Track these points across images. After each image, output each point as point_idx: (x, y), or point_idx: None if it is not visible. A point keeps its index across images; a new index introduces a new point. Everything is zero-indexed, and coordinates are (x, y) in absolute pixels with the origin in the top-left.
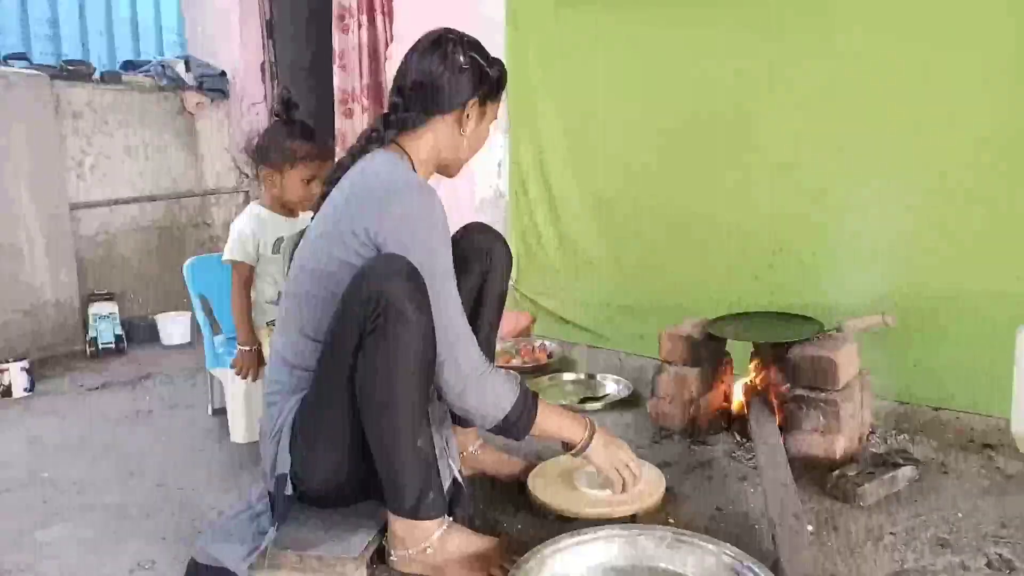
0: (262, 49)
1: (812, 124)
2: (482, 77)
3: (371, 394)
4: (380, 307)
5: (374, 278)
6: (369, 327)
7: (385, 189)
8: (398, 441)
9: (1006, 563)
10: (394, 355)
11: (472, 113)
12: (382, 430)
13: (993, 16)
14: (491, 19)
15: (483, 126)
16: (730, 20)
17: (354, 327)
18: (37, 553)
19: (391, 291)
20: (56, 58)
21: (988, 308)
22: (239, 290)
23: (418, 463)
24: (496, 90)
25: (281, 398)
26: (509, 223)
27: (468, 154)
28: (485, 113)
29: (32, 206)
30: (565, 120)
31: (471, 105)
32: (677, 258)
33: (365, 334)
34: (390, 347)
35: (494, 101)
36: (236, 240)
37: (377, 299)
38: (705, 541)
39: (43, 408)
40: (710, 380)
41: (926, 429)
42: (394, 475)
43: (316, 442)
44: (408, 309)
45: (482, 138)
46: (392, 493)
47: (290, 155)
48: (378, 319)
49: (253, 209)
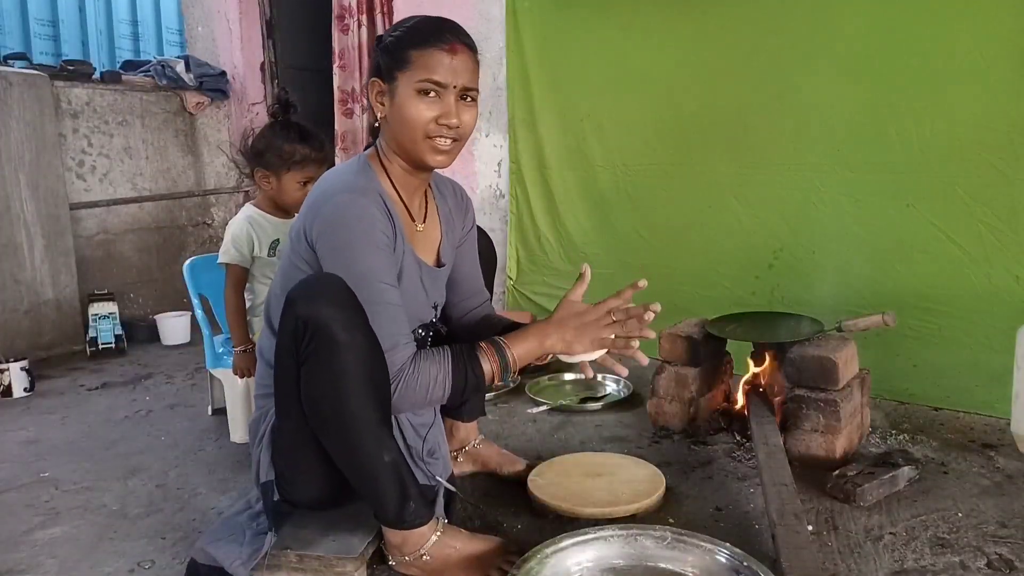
0: (262, 49)
1: (812, 124)
2: (375, 57)
3: (325, 420)
4: (309, 334)
5: (299, 304)
6: (303, 355)
7: (321, 194)
8: (364, 461)
9: (1006, 563)
10: (335, 379)
11: (379, 94)
12: (346, 451)
13: (993, 17)
14: (491, 18)
15: (400, 100)
16: (730, 20)
17: (291, 356)
18: (37, 553)
19: (317, 317)
20: (56, 58)
21: (988, 308)
22: (232, 292)
23: (391, 476)
24: (393, 62)
25: (267, 401)
26: (509, 223)
27: (407, 134)
28: (396, 87)
29: (32, 206)
30: (565, 120)
31: (371, 88)
32: (677, 258)
33: (301, 363)
34: (329, 372)
35: (402, 69)
36: (230, 242)
37: (304, 326)
38: (705, 541)
39: (43, 408)
40: (710, 380)
41: (926, 429)
42: (369, 492)
43: (291, 456)
44: (337, 331)
45: (407, 112)
46: (374, 507)
47: (287, 158)
48: (310, 345)
49: (248, 211)
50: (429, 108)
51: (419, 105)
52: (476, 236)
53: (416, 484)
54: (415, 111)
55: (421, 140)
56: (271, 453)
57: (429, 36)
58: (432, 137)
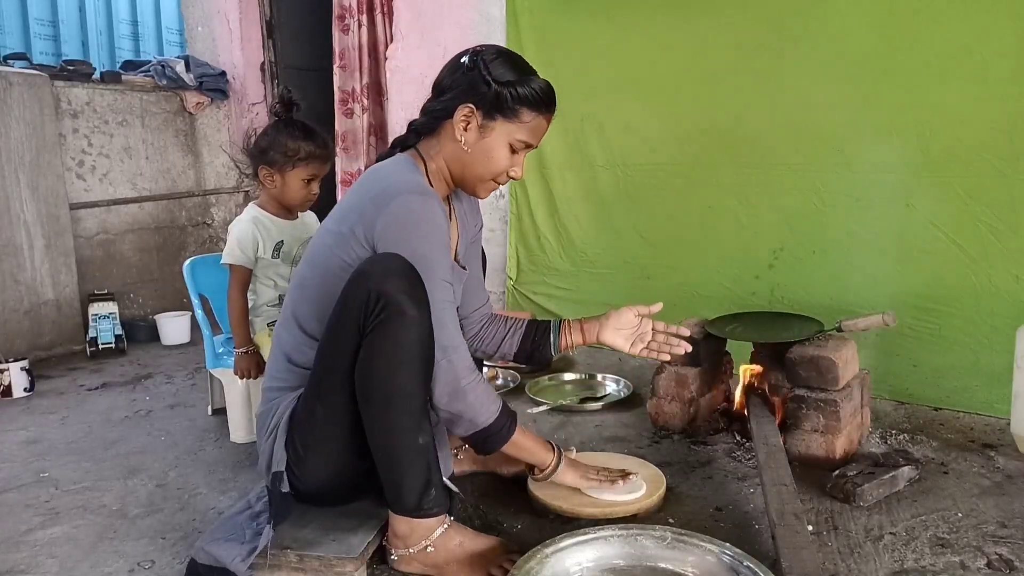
0: (262, 49)
1: (812, 124)
2: (479, 84)
3: (373, 391)
4: (380, 305)
5: (373, 277)
6: (369, 326)
7: (384, 192)
8: (400, 438)
9: (1006, 563)
10: (396, 352)
11: (468, 120)
12: (384, 427)
13: (993, 17)
14: (491, 18)
15: (491, 142)
16: (731, 20)
17: (353, 327)
18: (37, 553)
19: (391, 289)
20: (56, 58)
21: (988, 308)
22: (236, 293)
23: (420, 460)
24: (501, 107)
25: (279, 393)
26: (509, 223)
27: (478, 170)
28: (492, 128)
29: (32, 206)
30: (565, 120)
31: (461, 110)
32: (677, 258)
33: (365, 333)
34: (391, 344)
35: (508, 118)
36: (235, 243)
37: (377, 298)
38: (705, 541)
39: (43, 408)
40: (710, 380)
41: (926, 429)
42: (396, 473)
43: (312, 440)
44: (408, 306)
45: (493, 156)
46: (394, 491)
47: (291, 155)
48: (379, 317)
49: (252, 212)
50: (510, 160)
51: (506, 154)
52: (482, 236)
53: (439, 473)
54: (500, 159)
55: (488, 180)
56: (285, 440)
57: (542, 105)
58: (497, 181)
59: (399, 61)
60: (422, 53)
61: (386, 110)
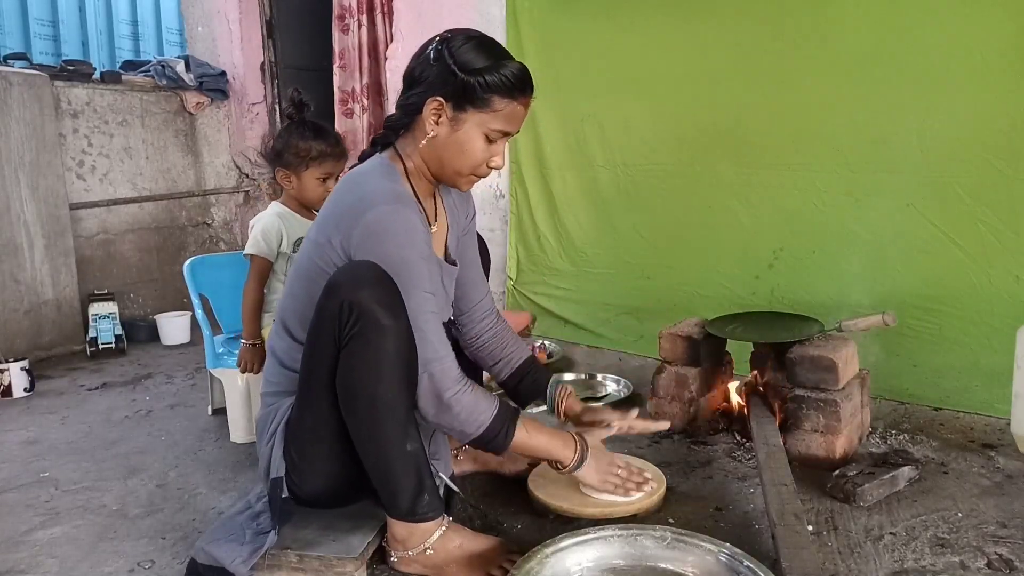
0: (262, 49)
1: (812, 124)
2: (446, 75)
3: (355, 403)
4: (354, 317)
5: (344, 288)
6: (345, 337)
7: (360, 201)
8: (388, 447)
9: (1006, 563)
10: (374, 363)
11: (438, 114)
12: (370, 437)
13: (993, 17)
14: (491, 18)
15: (464, 134)
16: (731, 20)
17: (329, 338)
18: (37, 553)
19: (363, 299)
20: (56, 58)
21: (988, 308)
22: (254, 284)
23: (410, 467)
24: (471, 97)
25: (276, 398)
26: (509, 223)
27: (455, 164)
28: (464, 120)
29: (32, 206)
30: (565, 120)
31: (430, 104)
32: (677, 258)
33: (342, 345)
34: (371, 355)
35: (479, 108)
36: (259, 235)
37: (350, 309)
38: (705, 541)
39: (43, 408)
40: (710, 380)
41: (926, 429)
42: (388, 481)
43: (307, 447)
44: (382, 315)
45: (468, 149)
46: (387, 498)
47: (304, 155)
48: (354, 328)
49: (277, 208)
50: (487, 150)
51: (482, 146)
52: (475, 225)
53: (431, 477)
54: (476, 151)
55: (467, 174)
56: (283, 447)
57: (515, 90)
58: (476, 174)
59: (399, 61)
60: None
61: (386, 110)
